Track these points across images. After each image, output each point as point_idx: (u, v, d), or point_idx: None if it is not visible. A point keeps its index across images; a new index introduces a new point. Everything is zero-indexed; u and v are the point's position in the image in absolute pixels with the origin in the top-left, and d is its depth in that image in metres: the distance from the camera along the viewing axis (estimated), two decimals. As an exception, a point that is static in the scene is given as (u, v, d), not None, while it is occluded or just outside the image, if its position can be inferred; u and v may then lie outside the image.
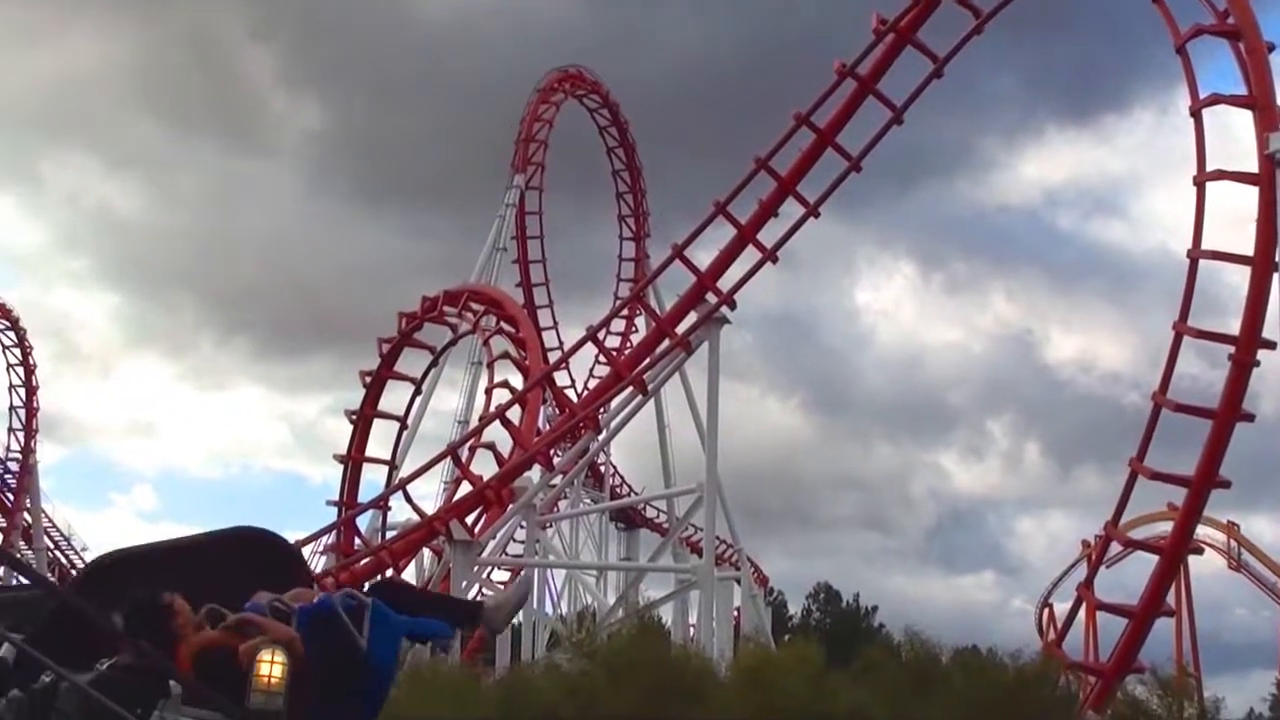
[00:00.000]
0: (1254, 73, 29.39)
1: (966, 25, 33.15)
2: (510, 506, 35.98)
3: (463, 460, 37.42)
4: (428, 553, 37.76)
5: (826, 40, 74.99)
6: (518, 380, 38.28)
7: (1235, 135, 32.04)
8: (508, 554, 39.60)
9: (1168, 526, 35.33)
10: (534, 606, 39.81)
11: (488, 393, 38.83)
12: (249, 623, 5.49)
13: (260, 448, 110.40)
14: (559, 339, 50.79)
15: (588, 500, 48.60)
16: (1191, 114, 30.62)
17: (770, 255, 34.15)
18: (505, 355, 38.56)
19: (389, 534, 39.95)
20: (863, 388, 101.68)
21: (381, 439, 43.39)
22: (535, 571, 39.22)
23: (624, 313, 46.78)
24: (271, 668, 5.10)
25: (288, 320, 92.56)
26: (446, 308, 41.18)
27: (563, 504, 43.28)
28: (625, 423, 37.05)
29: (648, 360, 36.47)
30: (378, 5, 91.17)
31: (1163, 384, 30.13)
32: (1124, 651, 29.56)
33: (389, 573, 34.39)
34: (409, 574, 37.82)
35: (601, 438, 37.74)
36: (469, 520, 35.87)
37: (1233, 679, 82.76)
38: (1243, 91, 29.82)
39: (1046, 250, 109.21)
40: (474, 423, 40.80)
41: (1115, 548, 35.68)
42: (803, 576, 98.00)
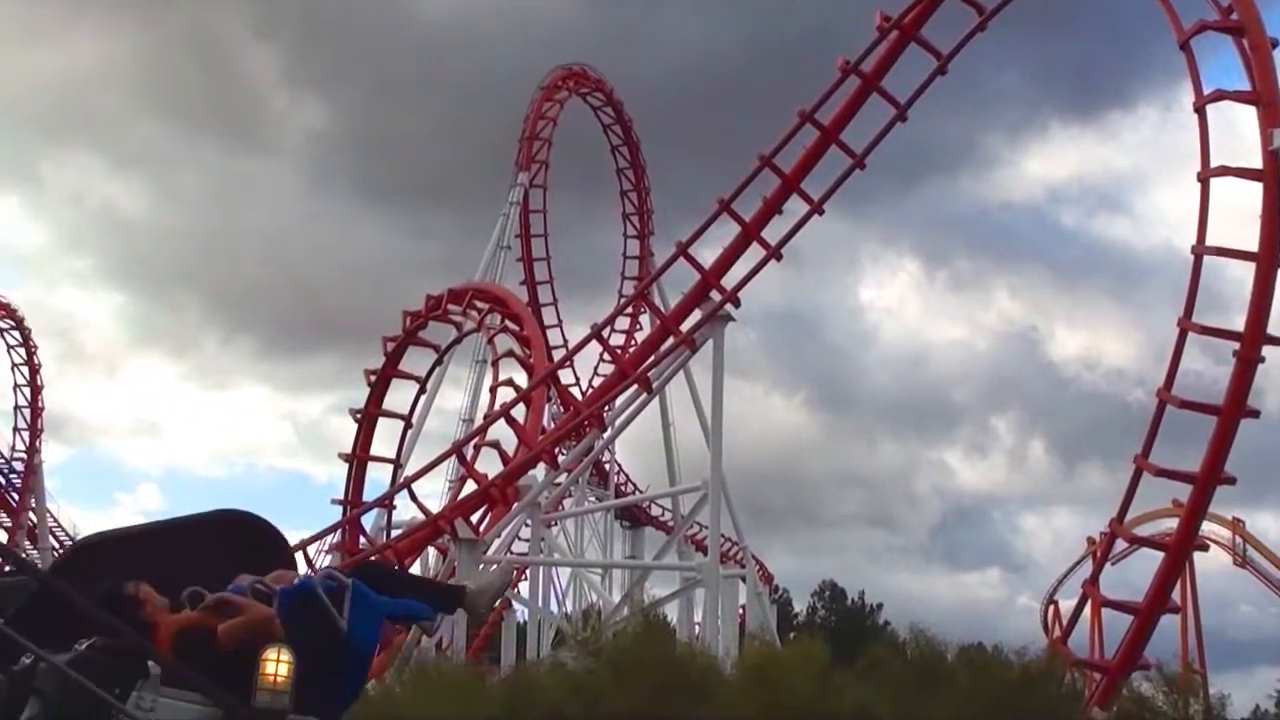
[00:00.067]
0: (1258, 69, 29.33)
1: (970, 22, 33.12)
2: (515, 505, 35.97)
3: (468, 459, 37.40)
4: (433, 551, 37.73)
5: (830, 38, 75.16)
6: (522, 378, 38.27)
7: (1239, 131, 32.00)
8: (513, 552, 39.57)
9: (1173, 523, 35.32)
10: (539, 605, 39.85)
11: (492, 391, 38.84)
12: (227, 603, 5.50)
13: (264, 447, 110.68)
14: (563, 337, 50.93)
15: (592, 498, 48.66)
16: (1195, 110, 30.55)
17: (774, 253, 34.13)
18: (510, 353, 38.57)
19: (394, 533, 39.92)
20: (867, 385, 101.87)
21: (386, 438, 43.47)
22: (541, 570, 39.26)
23: (628, 310, 46.78)
24: (278, 666, 5.11)
25: (291, 319, 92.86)
26: (451, 306, 41.16)
27: (568, 502, 43.32)
28: (630, 421, 37.06)
29: (652, 358, 36.47)
30: (380, 4, 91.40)
31: (1167, 380, 30.08)
32: (1129, 648, 29.53)
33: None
34: (414, 572, 37.78)
35: (606, 436, 37.73)
36: (474, 519, 35.89)
37: (1238, 675, 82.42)
38: (1246, 87, 29.76)
39: (1051, 247, 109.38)
40: (479, 421, 40.79)
41: (1120, 544, 35.69)
42: (807, 574, 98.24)
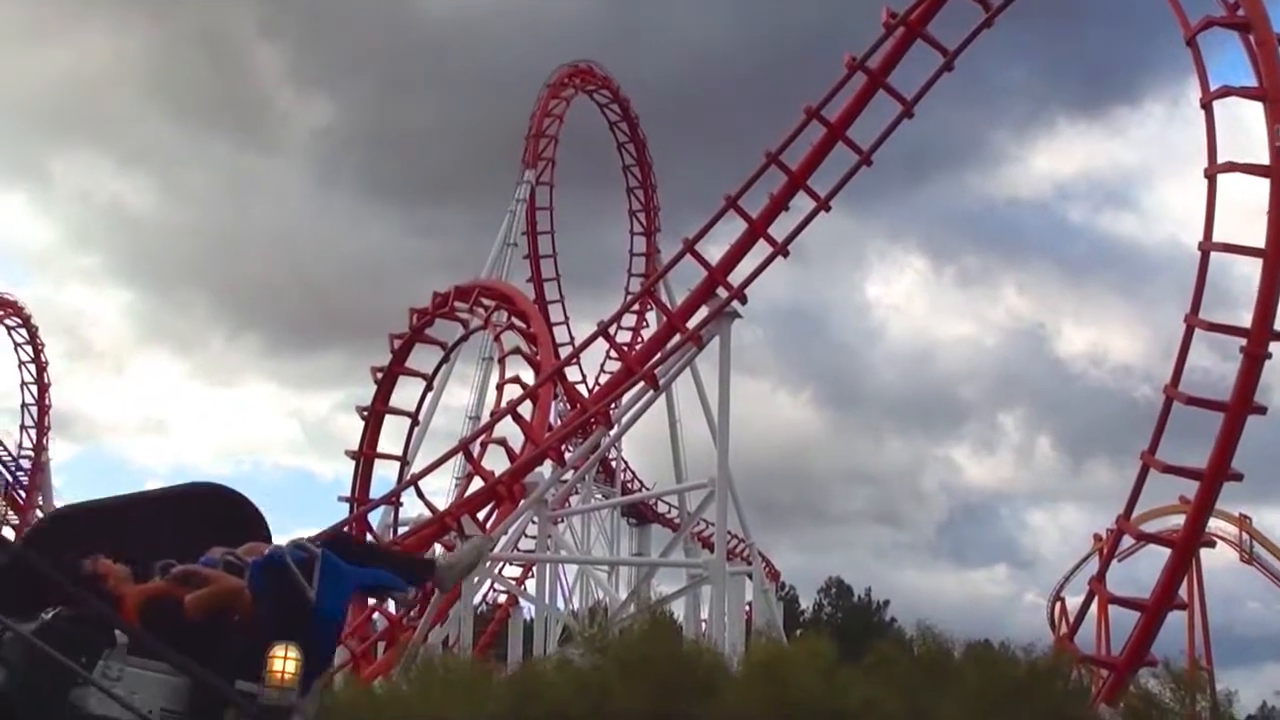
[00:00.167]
0: (1264, 65, 29.23)
1: (976, 18, 33.05)
2: (522, 502, 35.99)
3: (474, 456, 37.40)
4: (439, 549, 37.74)
5: (836, 34, 75.22)
6: (529, 376, 38.29)
7: (1246, 127, 31.86)
8: (519, 549, 39.62)
9: (1180, 520, 35.15)
10: (546, 602, 39.90)
11: (499, 388, 38.85)
12: (194, 574, 5.53)
13: (271, 444, 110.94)
14: (570, 334, 50.94)
15: (599, 496, 48.68)
16: (1202, 106, 30.46)
17: (781, 249, 34.10)
18: (516, 351, 38.57)
19: (401, 530, 39.94)
20: (874, 382, 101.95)
21: (393, 435, 43.46)
22: (547, 567, 39.28)
23: (635, 307, 46.80)
24: (285, 663, 5.12)
25: (298, 317, 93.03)
26: (458, 303, 41.15)
27: (574, 499, 43.31)
28: (636, 418, 36.99)
29: (659, 355, 36.47)
30: (386, 2, 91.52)
31: (1174, 377, 30.01)
32: (1136, 645, 29.47)
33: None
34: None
35: (613, 433, 37.70)
36: (481, 516, 35.89)
37: (1245, 672, 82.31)
38: (1253, 83, 29.68)
39: (1058, 243, 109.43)
40: (485, 418, 40.78)
41: (1127, 541, 35.67)
42: (814, 571, 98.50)
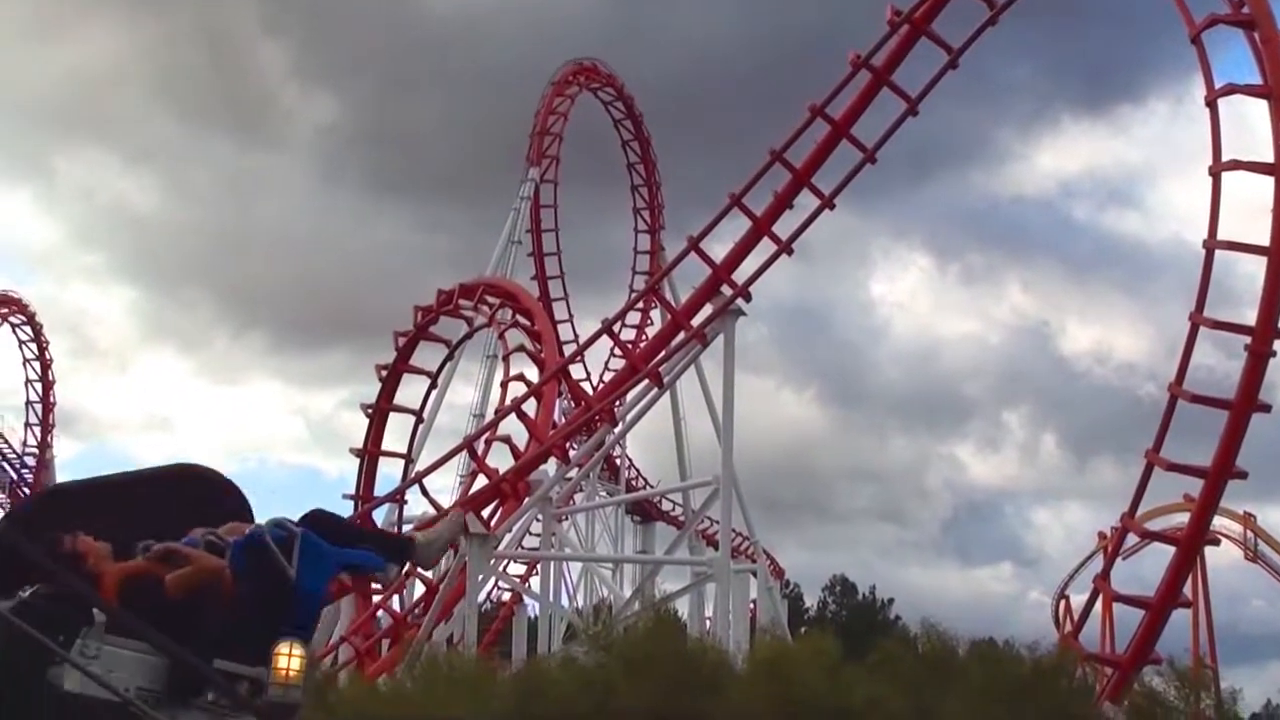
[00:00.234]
0: (1269, 63, 29.19)
1: (981, 15, 33.01)
2: (526, 500, 35.97)
3: (478, 454, 37.40)
4: (410, 527, 37.73)
5: (840, 32, 75.22)
6: (533, 373, 38.26)
7: (1251, 125, 31.91)
8: (524, 547, 39.63)
9: (1184, 518, 35.19)
10: (550, 599, 39.91)
11: (503, 386, 38.81)
12: (175, 553, 5.55)
13: (276, 442, 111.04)
14: (574, 332, 50.94)
15: (604, 493, 48.71)
16: (1207, 104, 30.43)
17: (785, 247, 34.07)
18: (521, 348, 38.53)
19: (405, 527, 40.00)
20: (878, 380, 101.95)
21: (397, 433, 43.44)
22: (552, 564, 39.30)
23: (639, 305, 46.82)
24: (290, 661, 5.14)
25: (302, 314, 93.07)
26: (462, 301, 41.14)
27: (579, 497, 43.36)
28: (641, 415, 36.96)
29: (663, 353, 36.44)
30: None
31: (1179, 375, 29.99)
32: (1141, 643, 29.46)
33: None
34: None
35: (617, 431, 37.66)
36: (485, 514, 35.90)
37: (1250, 670, 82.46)
38: (1258, 81, 29.65)
39: (1062, 241, 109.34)
40: (490, 416, 40.80)
41: (1132, 539, 35.56)
42: (819, 569, 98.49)
